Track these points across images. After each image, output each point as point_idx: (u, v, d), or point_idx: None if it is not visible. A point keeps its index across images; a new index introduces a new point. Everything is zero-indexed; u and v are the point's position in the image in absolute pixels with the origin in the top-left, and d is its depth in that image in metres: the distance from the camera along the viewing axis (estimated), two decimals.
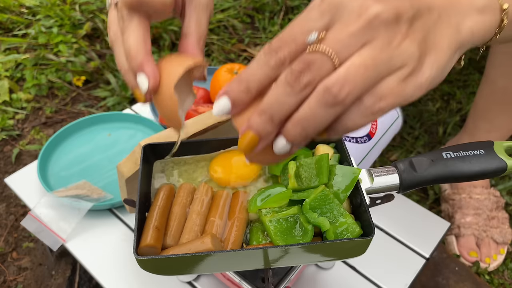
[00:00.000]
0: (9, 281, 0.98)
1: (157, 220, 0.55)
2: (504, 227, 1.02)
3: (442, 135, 1.28)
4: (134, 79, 0.45)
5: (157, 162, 0.65)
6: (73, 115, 1.35)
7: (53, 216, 0.86)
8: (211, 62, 1.51)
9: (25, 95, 1.38)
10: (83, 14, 1.62)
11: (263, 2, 1.72)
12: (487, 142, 0.57)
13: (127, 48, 0.45)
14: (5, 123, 1.30)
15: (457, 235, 1.03)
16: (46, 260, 0.98)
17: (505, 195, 1.13)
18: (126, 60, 0.46)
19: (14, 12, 1.65)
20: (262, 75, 0.35)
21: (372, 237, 0.51)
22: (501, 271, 1.02)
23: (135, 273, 0.81)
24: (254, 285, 0.65)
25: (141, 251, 0.53)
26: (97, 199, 0.88)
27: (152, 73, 0.44)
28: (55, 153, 1.01)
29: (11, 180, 0.97)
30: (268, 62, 0.34)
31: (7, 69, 1.45)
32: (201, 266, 0.52)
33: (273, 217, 0.54)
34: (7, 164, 1.21)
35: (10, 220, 1.08)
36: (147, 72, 0.44)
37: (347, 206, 0.58)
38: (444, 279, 0.91)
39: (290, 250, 0.50)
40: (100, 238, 0.86)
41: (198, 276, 0.79)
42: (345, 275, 0.80)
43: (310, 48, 0.33)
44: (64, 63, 1.45)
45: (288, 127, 0.35)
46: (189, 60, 0.46)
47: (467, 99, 1.37)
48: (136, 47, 0.44)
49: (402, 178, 0.56)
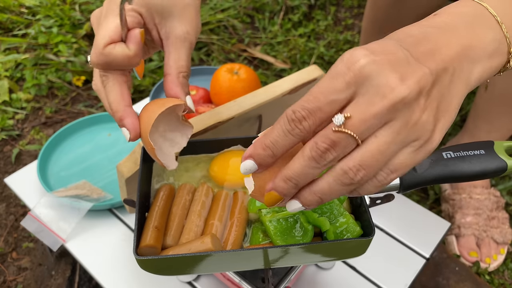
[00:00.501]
0: (9, 281, 0.97)
1: (157, 220, 0.55)
2: (504, 227, 1.02)
3: None
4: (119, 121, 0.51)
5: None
6: (73, 115, 1.35)
7: (53, 216, 0.86)
8: (211, 62, 1.51)
9: (25, 95, 1.38)
10: (83, 14, 1.62)
11: (263, 2, 1.72)
12: (487, 142, 0.57)
13: (109, 104, 0.50)
14: (5, 123, 1.30)
15: (457, 235, 1.03)
16: (46, 260, 0.98)
17: (505, 195, 1.13)
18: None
19: (14, 12, 1.65)
20: (286, 142, 0.36)
21: (372, 237, 0.51)
22: (501, 271, 1.02)
23: (135, 273, 0.81)
24: (254, 285, 0.65)
25: (141, 251, 0.53)
26: (97, 199, 0.88)
27: (131, 126, 0.49)
28: (55, 153, 1.01)
29: (11, 180, 0.96)
30: (293, 130, 0.36)
31: (7, 69, 1.45)
32: (201, 266, 0.52)
33: (273, 217, 0.54)
34: (7, 164, 1.21)
35: (10, 220, 1.08)
36: (127, 126, 0.49)
37: (347, 206, 0.58)
38: (444, 279, 0.91)
39: (290, 250, 0.50)
40: (100, 238, 0.86)
41: (198, 276, 0.79)
42: (345, 275, 0.80)
43: (336, 128, 0.34)
44: (64, 63, 1.45)
45: (305, 194, 0.38)
46: (166, 104, 0.49)
47: (467, 99, 1.37)
48: (115, 104, 0.49)
49: (402, 178, 0.56)
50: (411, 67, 0.34)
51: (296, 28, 1.65)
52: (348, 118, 0.34)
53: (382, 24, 1.14)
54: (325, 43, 1.57)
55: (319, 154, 0.35)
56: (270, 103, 0.74)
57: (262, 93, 0.74)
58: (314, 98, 0.35)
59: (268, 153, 0.37)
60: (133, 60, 0.49)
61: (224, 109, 0.71)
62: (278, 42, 1.59)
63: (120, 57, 0.48)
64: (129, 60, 0.48)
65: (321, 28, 1.65)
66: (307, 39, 1.61)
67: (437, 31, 0.37)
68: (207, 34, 1.60)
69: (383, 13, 1.11)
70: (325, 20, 1.68)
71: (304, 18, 1.69)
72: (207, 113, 0.70)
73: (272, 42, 1.59)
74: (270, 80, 1.44)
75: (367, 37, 1.22)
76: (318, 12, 1.71)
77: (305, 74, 0.78)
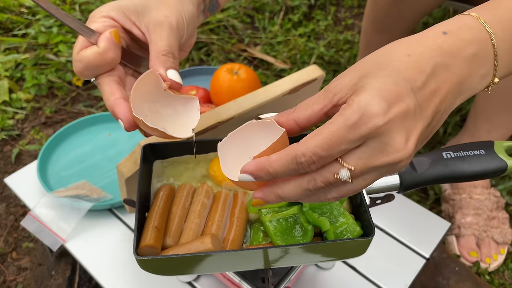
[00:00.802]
0: (9, 281, 0.97)
1: (157, 220, 0.55)
2: (504, 227, 1.02)
3: (442, 135, 1.28)
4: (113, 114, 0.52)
5: (157, 162, 0.65)
6: (73, 115, 1.35)
7: (53, 216, 0.86)
8: (211, 62, 1.51)
9: (25, 95, 1.38)
10: (83, 14, 1.62)
11: (263, 2, 1.72)
12: (487, 142, 0.57)
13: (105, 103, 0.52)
14: (5, 123, 1.30)
15: (457, 235, 1.03)
16: (46, 260, 0.98)
17: (505, 195, 1.13)
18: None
19: (14, 12, 1.65)
20: (288, 174, 0.39)
21: (372, 237, 0.51)
22: (501, 271, 1.02)
23: (135, 273, 0.81)
24: (254, 285, 0.65)
25: (141, 251, 0.53)
26: (97, 199, 0.88)
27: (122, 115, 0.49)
28: (55, 153, 1.01)
29: (11, 180, 0.96)
30: (298, 170, 0.38)
31: (7, 69, 1.45)
32: (201, 266, 0.52)
33: (273, 217, 0.54)
34: (7, 164, 1.21)
35: (10, 220, 1.08)
36: (119, 115, 0.50)
37: (347, 206, 0.58)
38: (444, 279, 0.91)
39: (290, 250, 0.50)
40: (100, 238, 0.86)
41: (198, 276, 0.79)
42: (345, 275, 0.80)
43: (337, 176, 0.38)
44: (64, 63, 1.45)
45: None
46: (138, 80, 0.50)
47: (467, 99, 1.37)
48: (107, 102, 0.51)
49: (402, 178, 0.56)
50: (416, 121, 0.37)
51: (296, 28, 1.65)
52: (352, 170, 0.37)
53: (383, 23, 1.14)
54: (325, 43, 1.57)
55: (315, 189, 0.39)
56: (270, 103, 0.74)
57: (262, 93, 0.74)
58: (328, 146, 0.36)
59: (268, 177, 0.40)
60: (106, 55, 0.50)
61: (224, 109, 0.71)
62: (278, 42, 1.59)
63: (92, 57, 0.49)
64: (101, 56, 0.49)
65: (321, 28, 1.65)
66: (307, 39, 1.61)
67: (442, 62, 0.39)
68: (207, 34, 1.60)
69: (383, 12, 1.11)
70: (325, 20, 1.68)
71: (304, 18, 1.69)
72: (207, 113, 0.70)
73: (272, 42, 1.59)
74: (270, 80, 1.44)
75: (367, 37, 1.22)
76: (318, 12, 1.71)
77: (305, 74, 0.78)
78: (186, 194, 0.60)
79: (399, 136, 0.36)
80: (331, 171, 0.38)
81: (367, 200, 0.55)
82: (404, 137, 0.37)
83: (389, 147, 0.37)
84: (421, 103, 0.38)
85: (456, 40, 0.40)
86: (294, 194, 0.40)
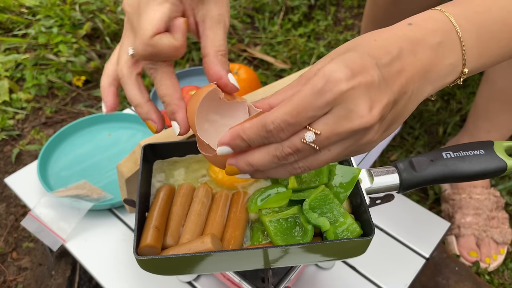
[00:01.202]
0: (9, 281, 0.98)
1: (157, 220, 0.55)
2: (504, 227, 1.02)
3: (442, 135, 1.28)
4: (146, 113, 0.50)
5: (157, 162, 0.65)
6: (73, 115, 1.35)
7: (53, 216, 0.86)
8: None
9: (25, 95, 1.38)
10: (83, 14, 1.62)
11: (263, 2, 1.72)
12: (487, 142, 0.57)
13: (161, 96, 0.49)
14: (5, 123, 1.30)
15: (457, 235, 1.03)
16: (46, 260, 0.98)
17: (505, 195, 1.13)
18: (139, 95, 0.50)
19: (14, 12, 1.65)
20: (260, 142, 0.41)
21: (372, 237, 0.51)
22: (501, 271, 1.02)
23: (135, 273, 0.81)
24: (254, 285, 0.65)
25: (141, 251, 0.53)
26: (97, 199, 0.88)
27: (182, 121, 0.49)
28: (55, 153, 1.01)
29: (11, 180, 0.97)
30: (268, 138, 0.40)
31: (7, 69, 1.45)
32: (201, 266, 0.52)
33: (273, 217, 0.54)
34: (7, 164, 1.21)
35: (10, 220, 1.08)
36: (179, 121, 0.49)
37: (347, 206, 0.58)
38: (444, 279, 0.91)
39: (290, 250, 0.50)
40: (100, 238, 0.86)
41: (198, 276, 0.79)
42: (345, 275, 0.80)
43: (304, 141, 0.39)
44: (64, 63, 1.45)
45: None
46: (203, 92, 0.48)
47: (467, 99, 1.37)
48: (168, 98, 0.49)
49: (402, 178, 0.56)
50: (380, 93, 0.38)
51: (296, 28, 1.65)
52: (318, 134, 0.38)
53: (382, 23, 1.14)
54: (325, 43, 1.57)
55: (282, 156, 0.40)
56: None
57: (262, 93, 0.74)
58: (297, 113, 0.38)
59: (243, 144, 0.41)
60: (180, 50, 0.48)
61: None
62: (278, 42, 1.59)
63: (167, 48, 0.46)
64: (176, 50, 0.47)
65: (321, 28, 1.65)
66: (307, 39, 1.61)
67: (408, 47, 0.41)
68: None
69: (383, 12, 1.11)
70: (325, 20, 1.68)
71: (304, 18, 1.70)
72: None
73: (272, 42, 1.59)
74: (270, 80, 1.44)
75: None
76: (318, 12, 1.71)
77: None
78: (186, 194, 0.61)
79: (363, 102, 0.37)
80: (298, 136, 0.39)
81: (367, 200, 0.55)
82: (368, 105, 0.38)
83: (353, 113, 0.37)
84: (386, 78, 0.39)
85: (421, 29, 0.42)
86: (262, 161, 0.41)
